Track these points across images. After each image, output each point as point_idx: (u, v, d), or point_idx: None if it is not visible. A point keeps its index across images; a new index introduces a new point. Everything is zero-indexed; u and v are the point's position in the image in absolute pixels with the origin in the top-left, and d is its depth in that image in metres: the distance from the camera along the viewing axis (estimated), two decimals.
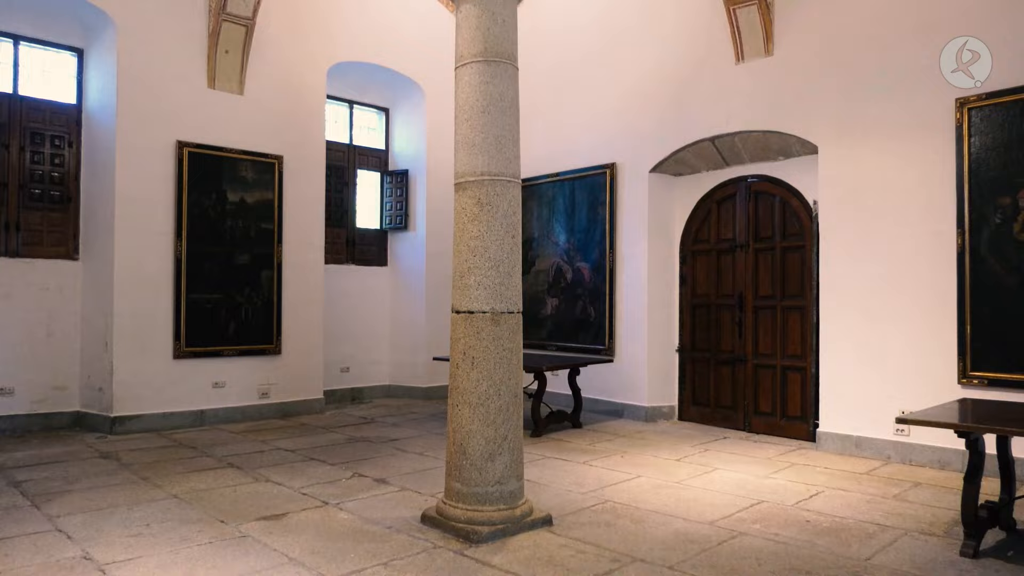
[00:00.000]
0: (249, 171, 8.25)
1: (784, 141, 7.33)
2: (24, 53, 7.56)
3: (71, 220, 7.80)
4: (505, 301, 4.18)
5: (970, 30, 5.95)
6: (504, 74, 4.26)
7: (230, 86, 8.13)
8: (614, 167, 8.71)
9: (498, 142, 4.21)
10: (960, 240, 5.90)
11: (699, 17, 7.87)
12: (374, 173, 10.52)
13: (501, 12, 4.29)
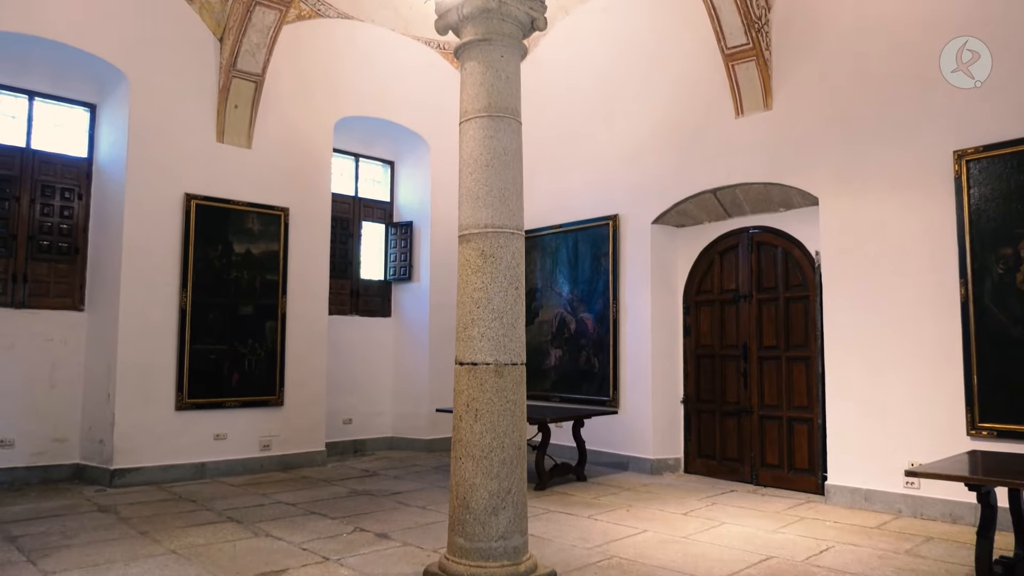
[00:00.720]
0: (255, 223, 8.34)
1: (785, 193, 7.40)
2: (38, 108, 7.74)
3: (78, 271, 7.86)
4: (509, 353, 4.17)
5: (971, 88, 6.05)
6: (508, 128, 4.33)
7: (238, 140, 8.28)
8: (617, 219, 8.79)
9: (502, 195, 4.26)
10: (963, 290, 5.90)
11: (699, 73, 8.03)
12: (379, 225, 10.62)
13: (505, 69, 4.39)
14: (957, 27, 6.13)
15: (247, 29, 7.87)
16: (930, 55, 6.30)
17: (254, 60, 8.10)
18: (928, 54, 6.31)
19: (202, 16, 8.03)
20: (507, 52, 4.42)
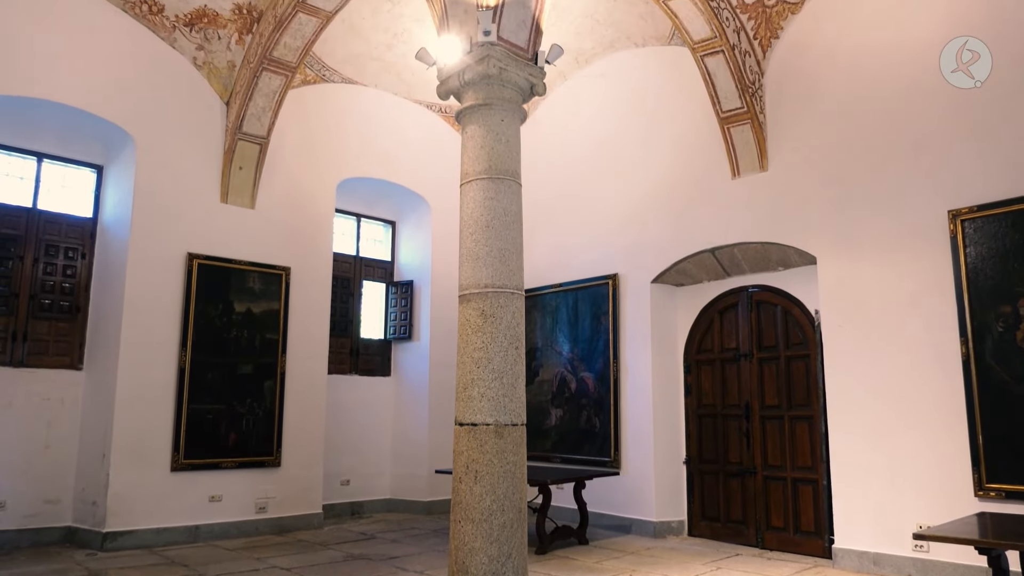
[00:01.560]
0: (257, 282, 8.38)
1: (783, 252, 7.46)
2: (46, 170, 7.86)
3: (78, 330, 7.86)
4: (509, 413, 4.14)
5: (957, 144, 6.18)
6: (508, 190, 4.41)
7: (242, 200, 8.39)
8: (616, 278, 8.83)
9: (502, 255, 4.30)
10: (964, 349, 5.90)
11: (696, 135, 8.19)
12: (379, 284, 10.67)
13: (505, 132, 4.50)
14: (948, 91, 6.29)
15: (254, 94, 8.07)
16: (921, 118, 6.44)
17: (259, 123, 8.28)
18: (920, 117, 6.46)
19: (210, 81, 8.24)
20: (507, 116, 4.53)
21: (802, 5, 7.35)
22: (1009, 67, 5.99)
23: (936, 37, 6.41)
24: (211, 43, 8.06)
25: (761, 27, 7.47)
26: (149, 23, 7.80)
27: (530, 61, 4.89)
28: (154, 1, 7.67)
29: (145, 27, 7.80)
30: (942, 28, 6.38)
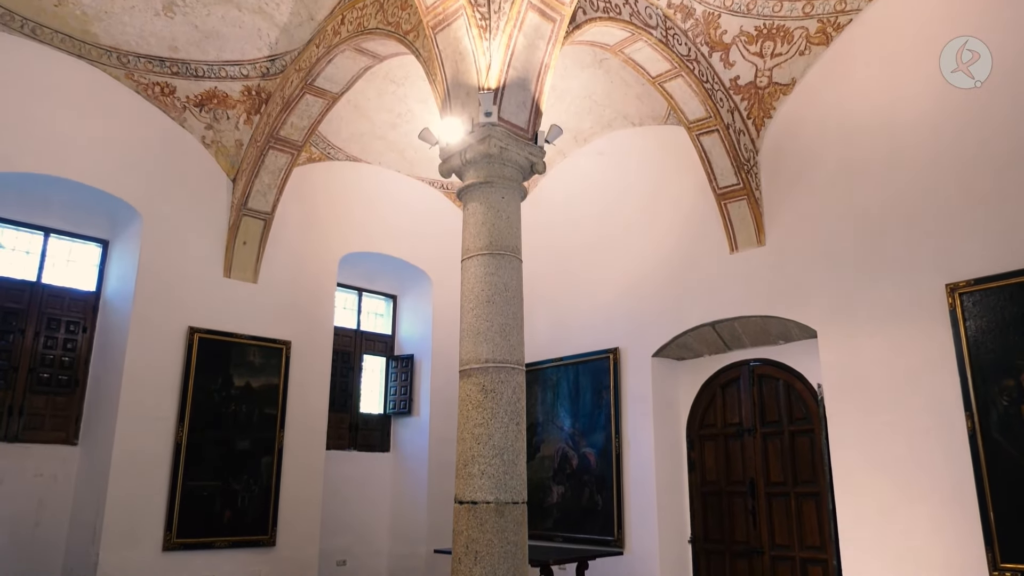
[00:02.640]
0: (257, 356, 8.36)
1: (783, 326, 7.47)
2: (52, 244, 7.96)
3: (75, 405, 7.79)
4: (510, 491, 4.07)
5: (953, 217, 6.27)
6: (508, 266, 4.46)
7: (245, 275, 8.46)
8: (617, 352, 8.81)
9: (502, 330, 4.31)
10: (969, 423, 5.83)
11: (694, 210, 8.32)
12: (379, 358, 10.63)
13: (505, 209, 4.58)
14: (941, 163, 6.41)
15: (260, 171, 8.24)
16: (915, 191, 6.55)
17: (264, 199, 8.43)
18: (913, 191, 6.57)
19: (218, 159, 8.44)
20: (508, 194, 4.63)
21: (793, 86, 7.59)
22: (1002, 138, 6.12)
23: (926, 111, 6.59)
24: (220, 123, 8.29)
25: (754, 107, 7.70)
26: (160, 104, 8.04)
27: (530, 141, 5.03)
28: (166, 83, 7.93)
29: (156, 107, 8.04)
30: (932, 102, 6.57)
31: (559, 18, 5.37)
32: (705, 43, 7.31)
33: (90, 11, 7.15)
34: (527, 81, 5.23)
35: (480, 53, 5.16)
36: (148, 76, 7.85)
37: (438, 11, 5.39)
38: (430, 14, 5.45)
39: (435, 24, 5.44)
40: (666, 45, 6.98)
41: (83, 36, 7.40)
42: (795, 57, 7.43)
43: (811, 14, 7.15)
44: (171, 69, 7.84)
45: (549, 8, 5.28)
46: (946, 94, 6.49)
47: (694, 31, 7.20)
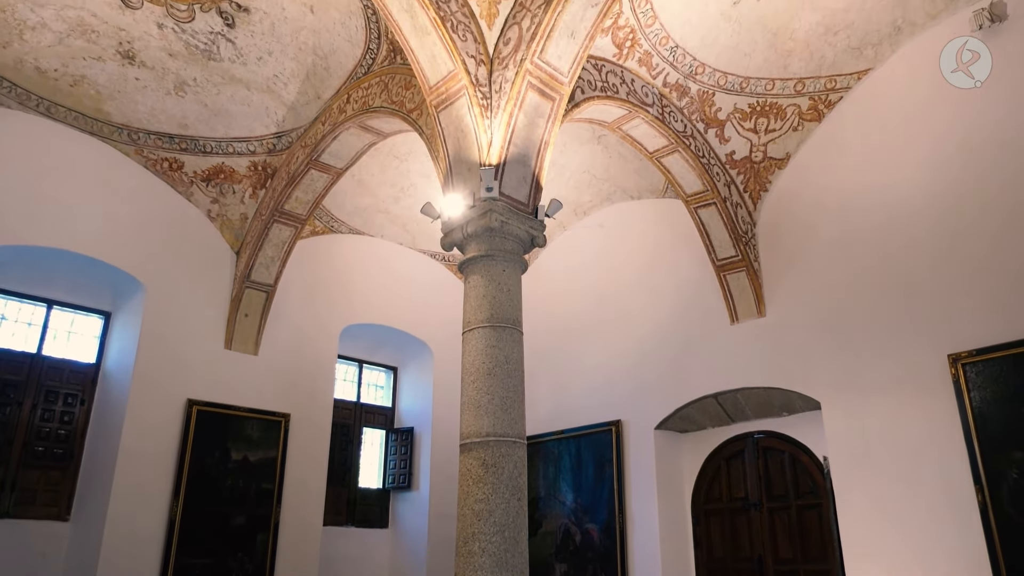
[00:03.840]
0: (255, 429, 8.27)
1: (786, 397, 7.41)
2: (54, 316, 7.98)
3: (69, 479, 7.66)
4: (512, 569, 3.97)
5: (952, 286, 6.30)
6: (509, 338, 4.47)
7: (246, 347, 8.46)
8: (619, 424, 8.71)
9: (503, 403, 4.29)
10: (980, 497, 5.72)
11: (694, 281, 8.37)
12: (379, 431, 10.50)
13: (506, 282, 4.62)
14: (938, 233, 6.48)
15: (264, 244, 8.35)
16: (913, 261, 6.61)
17: (267, 272, 8.50)
18: (911, 260, 6.63)
19: (222, 232, 8.56)
20: (508, 267, 4.67)
21: (788, 161, 7.76)
22: (997, 208, 6.21)
23: (919, 182, 6.72)
24: (226, 197, 8.45)
25: (750, 181, 7.85)
26: (168, 179, 8.21)
27: (531, 215, 5.12)
28: (175, 159, 8.12)
29: (164, 182, 8.21)
30: (925, 173, 6.70)
31: (558, 97, 5.54)
32: (701, 120, 7.51)
33: (104, 90, 7.39)
34: (527, 157, 5.36)
35: (482, 130, 5.31)
36: (157, 152, 8.04)
37: (441, 91, 5.57)
38: (433, 93, 5.63)
39: (438, 103, 5.61)
40: (662, 122, 7.18)
41: (96, 114, 7.61)
42: (789, 133, 7.62)
43: (803, 92, 7.37)
44: (180, 145, 8.04)
45: (548, 88, 5.46)
46: (939, 165, 6.63)
47: (689, 108, 7.41)
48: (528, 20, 5.40)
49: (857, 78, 7.31)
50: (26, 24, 6.60)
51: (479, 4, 5.58)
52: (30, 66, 7.00)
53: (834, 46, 7.03)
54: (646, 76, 7.04)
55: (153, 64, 7.21)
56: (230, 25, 6.86)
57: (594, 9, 5.30)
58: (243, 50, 7.14)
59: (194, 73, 7.35)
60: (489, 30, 5.62)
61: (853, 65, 7.22)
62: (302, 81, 7.51)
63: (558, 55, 5.41)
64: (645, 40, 6.74)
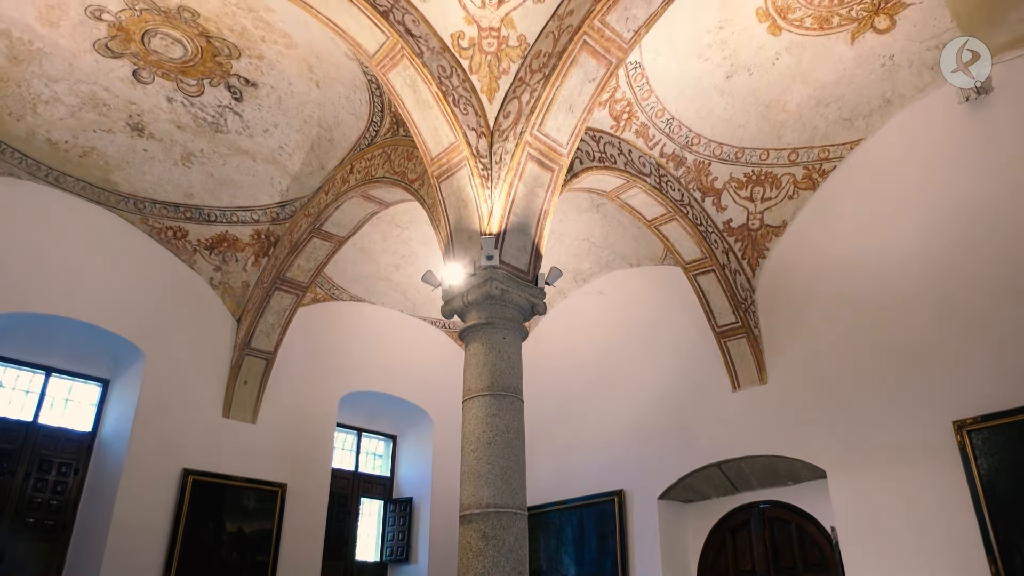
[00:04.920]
0: (251, 500, 8.12)
1: (791, 465, 7.30)
2: (53, 384, 7.93)
3: (59, 551, 7.47)
4: None
5: (954, 352, 6.28)
6: (510, 407, 4.44)
7: (244, 415, 8.39)
8: (622, 494, 8.55)
9: (504, 473, 4.23)
10: (993, 568, 5.57)
11: (695, 348, 8.35)
12: (377, 501, 10.30)
13: (507, 350, 4.62)
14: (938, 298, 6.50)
15: (265, 311, 8.38)
16: (914, 326, 6.61)
17: (268, 339, 8.50)
18: (912, 326, 6.63)
19: (224, 300, 8.60)
20: (509, 335, 4.69)
21: (784, 228, 7.86)
22: (994, 273, 6.24)
23: (915, 249, 6.78)
24: (228, 265, 8.52)
25: (748, 248, 7.93)
26: (172, 247, 8.30)
27: (531, 283, 5.16)
28: (179, 227, 8.23)
29: (168, 250, 8.30)
30: (920, 240, 6.78)
31: (557, 168, 5.66)
32: (697, 189, 7.64)
33: (113, 161, 7.55)
34: (527, 226, 5.43)
35: (482, 200, 5.40)
36: (162, 221, 8.16)
37: (443, 162, 5.70)
38: (435, 164, 5.76)
39: (440, 173, 5.73)
40: (660, 191, 7.30)
41: (104, 184, 7.76)
42: (784, 201, 7.74)
43: (796, 162, 7.52)
44: (185, 214, 8.16)
45: (548, 159, 5.58)
46: (933, 232, 6.71)
47: (686, 178, 7.55)
48: (527, 94, 5.56)
49: (849, 148, 7.47)
50: (40, 98, 6.80)
51: (480, 79, 5.76)
52: (41, 138, 7.17)
53: (826, 117, 7.21)
54: (643, 147, 7.20)
55: (161, 136, 7.39)
56: (238, 99, 7.06)
57: (591, 84, 5.47)
58: (250, 122, 7.33)
59: (201, 144, 7.52)
60: (490, 104, 5.79)
61: (845, 135, 7.39)
62: (307, 152, 7.68)
63: (557, 127, 5.55)
64: (641, 112, 6.93)
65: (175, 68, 6.69)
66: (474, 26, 5.64)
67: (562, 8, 5.47)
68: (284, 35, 6.36)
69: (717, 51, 6.54)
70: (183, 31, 6.28)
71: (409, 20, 5.44)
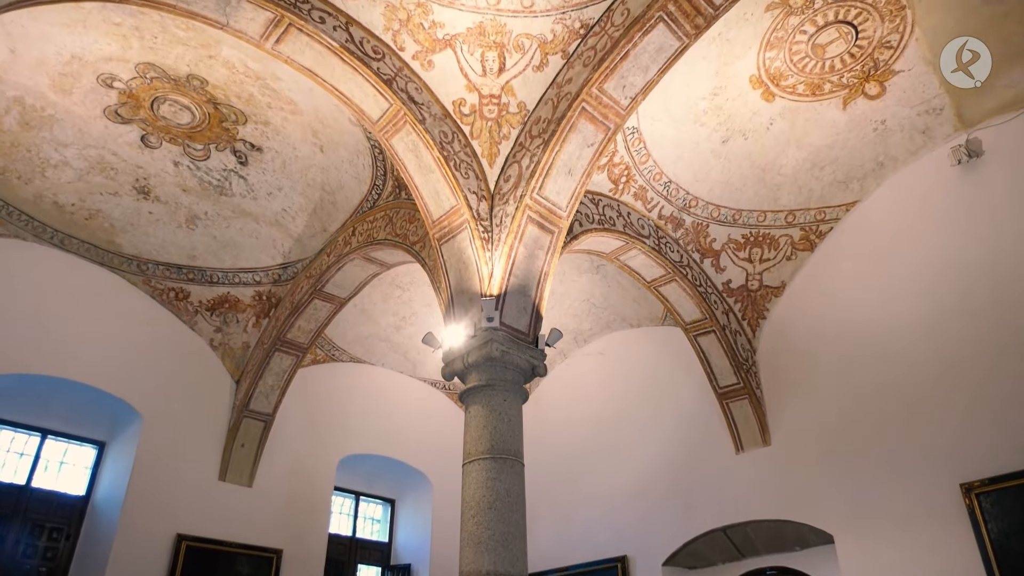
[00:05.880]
0: (245, 566, 7.93)
1: (797, 530, 7.15)
2: (48, 446, 7.83)
3: None
4: None
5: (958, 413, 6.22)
6: (510, 470, 4.38)
7: (240, 479, 8.26)
8: (625, 560, 8.34)
9: (504, 539, 4.15)
10: None
11: (697, 409, 8.27)
12: (375, 568, 10.04)
13: (507, 412, 4.59)
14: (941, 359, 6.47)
15: (264, 373, 8.35)
16: (917, 388, 6.56)
17: (267, 401, 8.45)
18: (915, 387, 6.58)
19: (224, 361, 8.58)
20: (509, 397, 4.66)
21: (784, 289, 7.89)
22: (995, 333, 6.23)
23: (914, 309, 6.79)
24: (229, 326, 8.53)
25: (748, 309, 7.95)
26: (174, 308, 8.33)
27: (531, 344, 5.16)
28: (181, 288, 8.27)
29: (169, 312, 8.32)
30: (919, 301, 6.79)
31: (557, 230, 5.73)
32: (696, 250, 7.71)
33: (118, 223, 7.64)
34: (528, 288, 5.47)
35: (483, 262, 5.45)
36: (165, 282, 8.20)
37: (444, 224, 5.78)
38: (436, 227, 5.83)
39: (441, 236, 5.80)
40: (659, 252, 7.37)
41: (108, 246, 7.83)
42: (783, 262, 7.80)
43: (794, 223, 7.61)
44: (187, 276, 8.21)
45: (547, 222, 5.66)
46: (931, 293, 6.74)
47: (685, 239, 7.63)
48: (527, 159, 5.68)
49: (846, 210, 7.56)
50: (49, 162, 6.93)
51: (481, 144, 5.88)
52: (49, 201, 7.28)
53: (821, 180, 7.33)
54: (642, 209, 7.30)
55: (167, 199, 7.50)
56: (243, 163, 7.20)
57: (590, 149, 5.59)
58: (254, 186, 7.45)
59: (206, 207, 7.63)
60: (490, 168, 5.90)
61: (841, 197, 7.49)
62: (309, 215, 7.78)
63: (556, 191, 5.65)
64: (640, 176, 7.05)
65: (182, 133, 6.84)
66: (475, 94, 5.80)
67: (561, 76, 5.64)
68: (290, 102, 6.53)
69: (712, 117, 6.70)
70: (192, 98, 6.45)
71: (412, 88, 5.60)
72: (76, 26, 5.70)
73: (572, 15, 5.47)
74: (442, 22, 5.52)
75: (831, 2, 5.84)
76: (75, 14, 5.57)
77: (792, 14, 5.92)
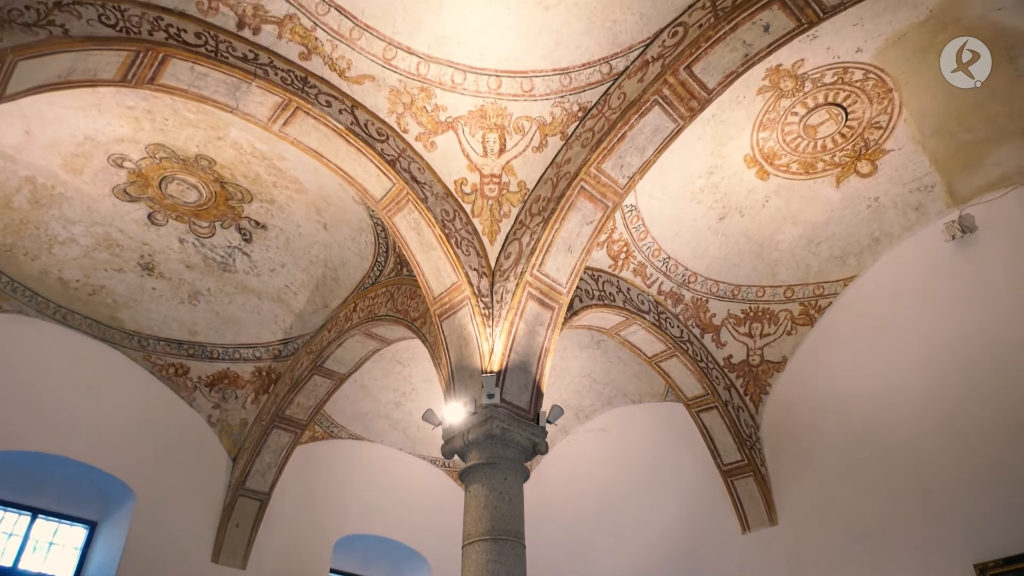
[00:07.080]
0: None
1: None
2: (38, 526, 7.64)
3: None
4: None
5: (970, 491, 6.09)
6: (511, 552, 4.28)
7: (234, 560, 8.03)
8: None
9: None
10: None
11: (701, 488, 8.11)
12: None
13: (508, 491, 4.51)
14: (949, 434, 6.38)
15: (262, 450, 8.24)
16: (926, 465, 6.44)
17: (263, 479, 8.30)
18: (922, 464, 6.46)
19: (221, 438, 8.48)
20: (510, 475, 4.59)
21: (785, 364, 7.86)
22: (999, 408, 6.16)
23: (916, 384, 6.75)
24: (228, 402, 8.47)
25: (750, 384, 7.90)
26: (173, 384, 8.28)
27: (532, 421, 5.12)
28: (181, 364, 8.25)
29: (168, 387, 8.27)
30: (920, 375, 6.76)
31: (557, 307, 5.77)
32: (696, 325, 7.73)
33: (120, 299, 7.69)
34: (528, 364, 5.46)
35: (483, 338, 5.46)
36: (165, 358, 8.19)
37: (444, 301, 5.82)
38: (437, 303, 5.87)
39: (441, 312, 5.84)
40: (659, 328, 7.38)
41: (110, 321, 7.86)
42: (783, 337, 7.80)
43: (792, 298, 7.66)
44: (187, 351, 8.21)
45: (547, 298, 5.70)
46: (932, 367, 6.72)
47: (685, 315, 7.65)
48: (528, 236, 5.76)
49: (843, 284, 7.62)
50: (56, 239, 7.03)
51: (482, 222, 5.99)
52: (54, 277, 7.35)
53: (818, 255, 7.42)
54: (641, 285, 7.36)
55: (171, 275, 7.58)
56: (247, 240, 7.31)
57: (589, 226, 5.69)
58: (258, 262, 7.54)
59: (209, 283, 7.70)
60: (491, 245, 5.98)
61: (838, 273, 7.56)
62: (311, 291, 7.84)
63: (556, 268, 5.71)
64: (639, 252, 7.13)
65: (189, 211, 6.97)
66: (476, 173, 5.94)
67: (560, 157, 5.79)
68: (295, 181, 6.68)
69: (709, 195, 6.83)
70: (199, 177, 6.60)
71: (415, 168, 5.74)
72: (91, 109, 5.89)
73: (570, 99, 5.66)
74: (444, 105, 5.70)
75: (820, 86, 6.04)
76: (90, 98, 5.77)
77: (783, 97, 6.11)
